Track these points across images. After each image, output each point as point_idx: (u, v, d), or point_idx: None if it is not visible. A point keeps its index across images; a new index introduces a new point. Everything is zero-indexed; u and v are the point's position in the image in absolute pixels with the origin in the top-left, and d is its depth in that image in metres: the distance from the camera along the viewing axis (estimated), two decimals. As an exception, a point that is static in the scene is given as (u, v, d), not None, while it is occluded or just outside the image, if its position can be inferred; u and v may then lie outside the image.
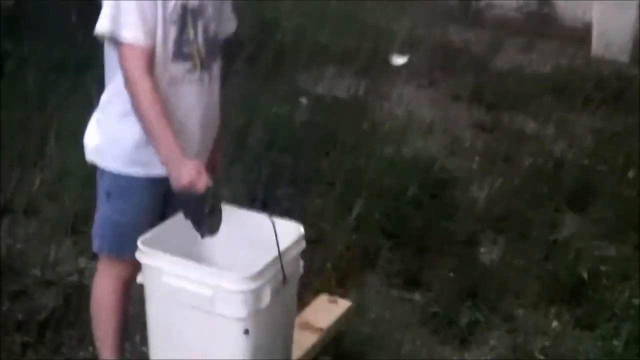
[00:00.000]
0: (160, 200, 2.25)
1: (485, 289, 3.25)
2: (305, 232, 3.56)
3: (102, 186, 2.24)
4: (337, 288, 3.19)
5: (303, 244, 2.25)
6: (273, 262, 2.08)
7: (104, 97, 2.22)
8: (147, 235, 2.12)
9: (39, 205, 3.56)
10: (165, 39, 2.09)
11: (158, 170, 2.13)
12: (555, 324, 3.11)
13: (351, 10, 6.74)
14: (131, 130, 2.12)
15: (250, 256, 2.25)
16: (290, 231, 2.23)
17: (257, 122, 4.38)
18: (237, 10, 2.40)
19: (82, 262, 3.21)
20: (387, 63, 5.84)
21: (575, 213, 3.95)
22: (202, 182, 2.09)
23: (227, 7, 2.32)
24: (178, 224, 2.22)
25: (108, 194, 2.22)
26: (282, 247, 2.14)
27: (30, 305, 2.92)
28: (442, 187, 4.06)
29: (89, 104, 2.40)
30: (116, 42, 2.07)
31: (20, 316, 2.86)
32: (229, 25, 2.33)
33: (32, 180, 3.72)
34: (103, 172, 2.23)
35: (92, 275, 3.06)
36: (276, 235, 2.10)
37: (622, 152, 4.59)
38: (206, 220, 2.21)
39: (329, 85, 5.34)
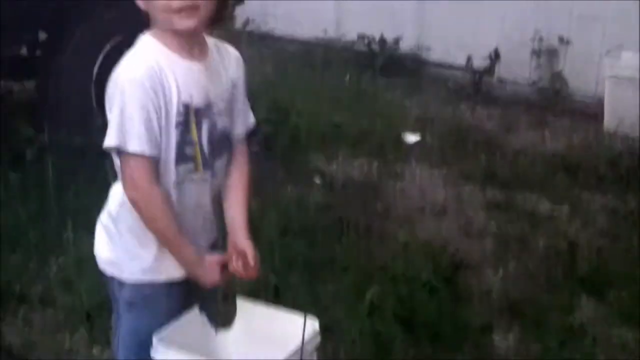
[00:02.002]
0: (183, 301, 2.26)
1: (501, 379, 3.24)
2: (318, 319, 3.63)
3: (122, 297, 2.24)
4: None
5: (318, 339, 2.26)
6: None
7: (111, 206, 2.23)
8: (163, 332, 2.13)
9: (55, 294, 3.59)
10: (169, 143, 2.09)
11: (179, 273, 2.17)
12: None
13: (364, 89, 6.83)
14: (148, 242, 2.15)
15: (267, 353, 2.27)
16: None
17: (271, 206, 4.41)
18: (251, 94, 2.40)
19: (97, 350, 3.23)
20: (399, 141, 5.89)
21: (591, 296, 3.93)
22: (225, 275, 2.18)
23: (242, 103, 2.28)
24: (194, 319, 2.24)
25: (130, 304, 2.22)
26: (297, 343, 2.15)
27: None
28: (455, 271, 4.06)
29: (108, 191, 2.39)
30: (122, 153, 2.08)
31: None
32: (247, 121, 2.30)
33: (49, 269, 3.76)
34: (122, 283, 2.23)
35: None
36: (303, 337, 2.11)
37: (637, 231, 4.58)
38: (221, 312, 2.24)
39: (342, 166, 5.39)
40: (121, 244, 2.21)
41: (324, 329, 3.51)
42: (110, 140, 2.07)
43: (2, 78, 5.01)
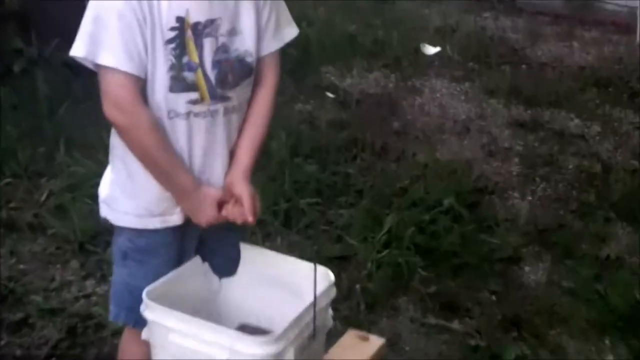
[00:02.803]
0: (183, 252, 1.95)
1: (531, 315, 2.96)
2: (331, 248, 3.35)
3: (116, 245, 1.95)
4: (368, 313, 2.92)
5: (334, 292, 1.96)
6: (299, 318, 1.80)
7: (112, 131, 1.89)
8: (154, 286, 1.83)
9: (46, 221, 3.31)
10: (156, 62, 1.74)
11: (178, 218, 1.88)
12: (610, 358, 2.81)
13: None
14: (141, 179, 1.83)
15: (273, 302, 1.99)
16: (318, 276, 1.94)
17: (280, 124, 4.08)
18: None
19: (90, 286, 2.97)
20: (418, 54, 5.50)
21: (627, 223, 3.63)
22: (220, 218, 1.87)
23: (269, 17, 1.87)
24: (192, 269, 1.95)
25: (125, 255, 1.92)
26: (309, 293, 1.86)
27: (31, 338, 2.68)
28: (480, 196, 3.76)
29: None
30: (98, 67, 1.75)
31: (19, 352, 2.62)
32: (280, 34, 1.91)
33: (40, 194, 3.47)
34: (117, 229, 1.93)
35: (99, 301, 2.85)
36: (315, 286, 1.81)
37: (674, 151, 4.26)
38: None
39: (356, 81, 5.02)
40: (116, 179, 1.90)
41: (339, 258, 3.30)
42: (77, 50, 1.74)
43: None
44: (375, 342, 2.61)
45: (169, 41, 1.74)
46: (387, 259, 3.18)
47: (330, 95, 4.82)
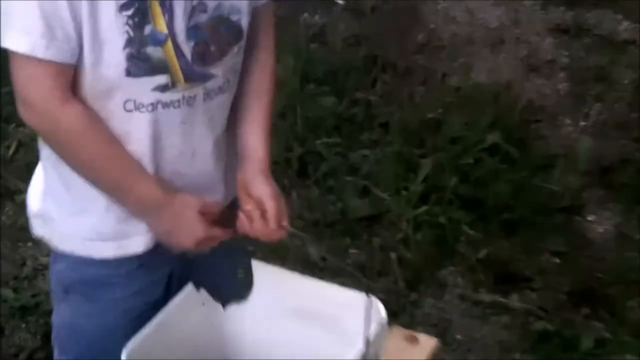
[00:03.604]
0: (156, 285, 1.41)
1: (604, 284, 2.45)
2: (358, 205, 2.82)
3: (56, 275, 1.42)
4: (408, 292, 2.41)
5: (386, 328, 1.44)
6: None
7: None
8: (135, 343, 1.30)
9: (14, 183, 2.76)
10: (105, 41, 1.19)
11: (142, 244, 1.32)
12: None
13: None
14: (84, 193, 1.30)
15: (298, 338, 1.47)
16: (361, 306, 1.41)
17: (285, 44, 3.46)
18: None
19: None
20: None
21: None
22: (217, 234, 1.32)
23: None
24: (184, 304, 1.41)
25: (67, 289, 1.40)
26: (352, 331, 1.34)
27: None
28: (527, 127, 3.19)
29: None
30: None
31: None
32: None
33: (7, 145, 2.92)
34: (56, 255, 1.39)
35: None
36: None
37: None
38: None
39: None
40: (49, 189, 1.36)
41: (368, 219, 2.77)
42: None
43: None
44: (427, 343, 2.09)
45: (124, 7, 1.18)
46: (426, 217, 2.65)
47: (339, 1, 4.17)
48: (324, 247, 2.47)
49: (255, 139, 1.37)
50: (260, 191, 1.32)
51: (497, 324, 2.33)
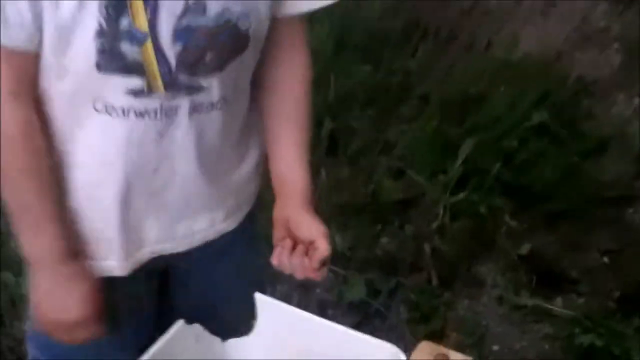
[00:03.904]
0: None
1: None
2: (392, 187, 2.63)
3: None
4: (441, 292, 2.23)
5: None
6: None
7: None
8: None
9: None
10: (76, 24, 0.98)
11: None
12: None
13: None
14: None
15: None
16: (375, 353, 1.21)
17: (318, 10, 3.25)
18: None
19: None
20: None
21: None
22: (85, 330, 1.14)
23: None
24: (175, 341, 1.23)
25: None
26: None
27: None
28: (577, 104, 2.95)
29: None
30: None
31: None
32: None
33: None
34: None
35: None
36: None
37: None
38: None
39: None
40: None
41: (401, 202, 2.58)
42: None
43: None
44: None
45: None
46: (464, 205, 2.45)
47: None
48: (350, 236, 2.29)
49: (292, 169, 1.19)
50: (310, 231, 1.14)
51: (538, 333, 2.13)
